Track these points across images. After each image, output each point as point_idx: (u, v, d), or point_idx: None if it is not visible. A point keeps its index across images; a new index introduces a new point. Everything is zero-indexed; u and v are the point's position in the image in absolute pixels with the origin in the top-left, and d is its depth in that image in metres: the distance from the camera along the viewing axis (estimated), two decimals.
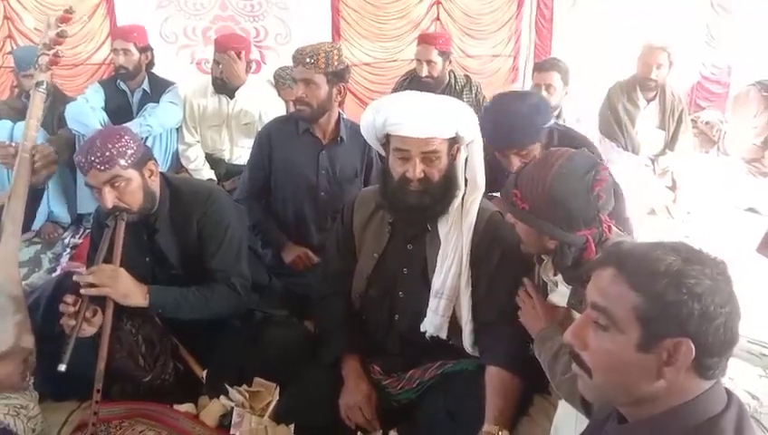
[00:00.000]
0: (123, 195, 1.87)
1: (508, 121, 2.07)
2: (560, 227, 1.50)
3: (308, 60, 2.44)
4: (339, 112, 2.64)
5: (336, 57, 2.48)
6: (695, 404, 0.91)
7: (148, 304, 1.91)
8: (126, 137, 1.89)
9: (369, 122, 1.82)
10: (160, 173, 2.05)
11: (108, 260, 1.87)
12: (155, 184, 1.98)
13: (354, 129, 2.59)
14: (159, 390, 1.97)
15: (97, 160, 1.82)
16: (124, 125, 3.37)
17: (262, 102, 3.51)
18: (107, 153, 1.82)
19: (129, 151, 1.86)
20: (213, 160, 3.61)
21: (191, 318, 1.99)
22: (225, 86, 3.48)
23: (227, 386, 1.95)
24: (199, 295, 1.99)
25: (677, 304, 0.87)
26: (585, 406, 1.30)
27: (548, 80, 3.30)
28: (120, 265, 1.88)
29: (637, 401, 0.94)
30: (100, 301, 1.84)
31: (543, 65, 3.44)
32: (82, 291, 1.79)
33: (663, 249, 0.93)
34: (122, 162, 1.85)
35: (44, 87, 1.95)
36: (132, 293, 1.88)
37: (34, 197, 1.94)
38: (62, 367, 1.67)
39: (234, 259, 2.07)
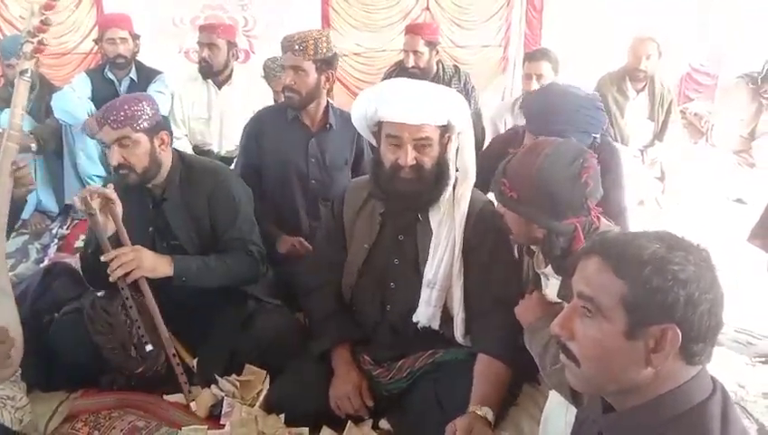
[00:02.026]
0: (129, 155, 1.95)
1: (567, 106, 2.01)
2: (547, 214, 1.51)
3: (297, 47, 2.43)
4: (327, 100, 2.63)
5: (325, 44, 2.47)
6: (682, 391, 0.92)
7: (173, 272, 1.95)
8: (144, 103, 1.99)
9: (360, 112, 1.82)
10: (177, 150, 2.13)
11: (114, 240, 1.91)
12: (164, 154, 2.04)
13: (344, 117, 2.58)
14: (151, 380, 1.97)
15: (111, 118, 1.92)
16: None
17: (253, 97, 3.49)
18: (121, 114, 1.92)
19: (144, 117, 1.96)
20: (201, 153, 3.59)
21: (212, 286, 2.03)
22: (210, 69, 3.46)
23: (217, 376, 1.96)
24: (220, 262, 2.04)
25: (663, 290, 0.88)
26: (575, 396, 1.31)
27: (538, 69, 3.31)
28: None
29: (625, 389, 0.95)
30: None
31: (534, 55, 3.45)
32: (112, 279, 1.86)
33: (647, 237, 0.93)
34: (134, 125, 1.93)
35: (29, 75, 1.93)
36: (158, 264, 1.94)
37: (15, 210, 1.94)
38: (149, 347, 1.87)
39: (249, 228, 2.14)
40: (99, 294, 2.05)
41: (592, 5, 5.49)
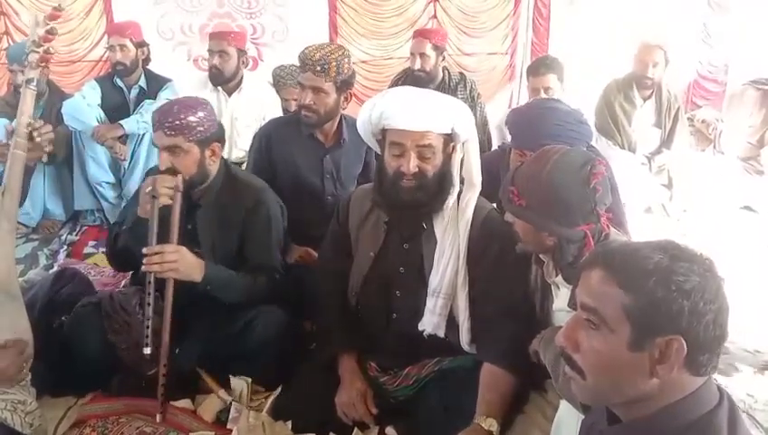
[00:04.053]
0: (178, 163, 1.94)
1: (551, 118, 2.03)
2: (557, 222, 1.50)
3: (318, 68, 2.36)
4: (341, 114, 2.59)
5: (346, 65, 2.43)
6: (688, 401, 0.92)
7: (202, 278, 1.93)
8: (201, 114, 1.96)
9: (365, 119, 1.83)
10: (223, 159, 2.11)
11: (162, 236, 1.87)
12: (213, 164, 2.04)
13: (355, 126, 2.58)
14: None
15: (167, 124, 1.91)
16: (126, 120, 3.39)
17: (263, 104, 3.51)
18: (177, 122, 1.91)
19: (199, 128, 1.95)
20: None
21: (229, 299, 2.02)
22: (221, 76, 3.48)
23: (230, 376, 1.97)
24: (246, 281, 2.03)
25: (667, 301, 0.88)
26: (585, 407, 1.31)
27: (546, 83, 3.28)
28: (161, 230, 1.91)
29: (630, 400, 0.95)
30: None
31: (538, 69, 3.37)
32: (145, 269, 1.83)
33: (650, 247, 0.93)
34: (189, 135, 1.92)
35: (34, 84, 1.95)
36: (194, 271, 1.91)
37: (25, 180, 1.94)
38: (147, 350, 1.81)
39: (276, 255, 2.15)
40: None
41: (599, 13, 5.50)
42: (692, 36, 5.63)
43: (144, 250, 1.84)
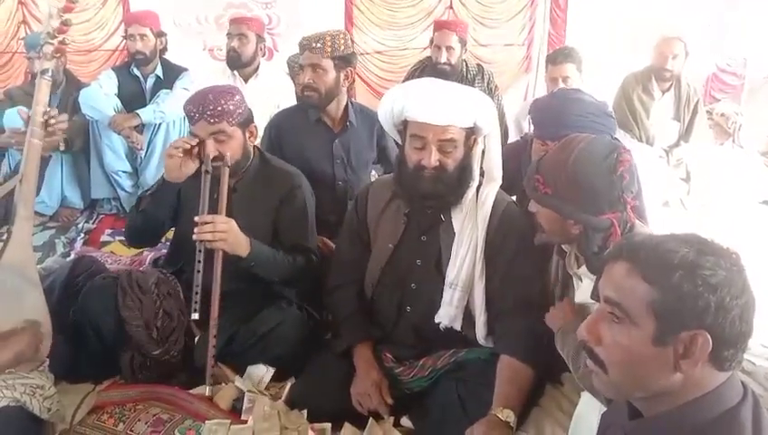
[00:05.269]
0: (224, 148, 1.98)
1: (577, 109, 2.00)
2: (584, 209, 1.49)
3: (314, 44, 2.45)
4: (347, 99, 2.63)
5: (342, 42, 2.49)
6: (712, 397, 0.91)
7: (247, 254, 1.95)
8: (237, 97, 2.02)
9: (387, 109, 1.82)
10: (255, 145, 2.16)
11: (212, 208, 1.93)
12: (251, 146, 2.09)
13: (364, 112, 2.59)
14: (166, 365, 1.99)
15: (208, 113, 1.95)
16: (143, 109, 3.41)
17: (277, 93, 3.51)
18: (218, 108, 1.95)
19: (239, 111, 2.01)
20: None
21: (271, 277, 2.06)
22: (238, 59, 3.51)
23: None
24: (286, 259, 2.07)
25: (693, 296, 0.86)
26: (608, 398, 1.30)
27: (563, 72, 3.26)
28: (185, 212, 1.97)
29: (653, 395, 0.94)
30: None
31: (557, 58, 3.37)
32: (196, 237, 1.87)
33: (675, 241, 0.92)
34: (230, 119, 1.97)
35: (49, 75, 1.96)
36: (240, 244, 1.94)
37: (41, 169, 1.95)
38: (195, 315, 1.85)
39: (313, 238, 2.21)
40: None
41: (617, 4, 5.43)
42: (711, 29, 5.55)
43: (196, 218, 1.88)
